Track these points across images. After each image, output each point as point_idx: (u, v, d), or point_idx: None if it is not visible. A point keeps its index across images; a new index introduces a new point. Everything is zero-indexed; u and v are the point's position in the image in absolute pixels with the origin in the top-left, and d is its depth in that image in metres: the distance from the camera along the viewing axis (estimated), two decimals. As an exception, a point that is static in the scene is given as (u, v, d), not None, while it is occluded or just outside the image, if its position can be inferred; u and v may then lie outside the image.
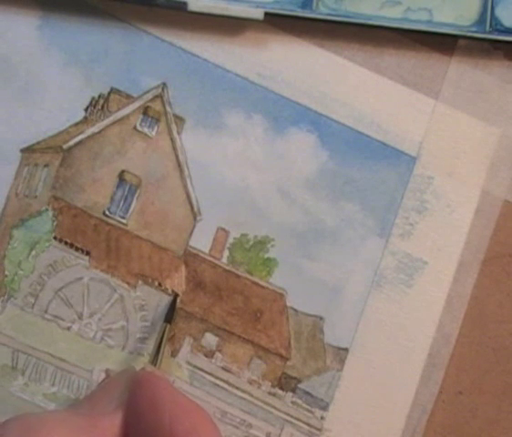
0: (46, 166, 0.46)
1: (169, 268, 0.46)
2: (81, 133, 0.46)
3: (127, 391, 0.36)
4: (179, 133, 0.47)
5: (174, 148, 0.46)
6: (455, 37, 0.46)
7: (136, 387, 0.36)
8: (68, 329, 0.46)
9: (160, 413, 0.35)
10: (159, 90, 0.46)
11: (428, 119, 0.46)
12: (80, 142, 0.46)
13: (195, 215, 0.46)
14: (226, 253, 0.46)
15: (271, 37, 0.47)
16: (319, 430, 0.46)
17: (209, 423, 0.35)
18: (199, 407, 0.36)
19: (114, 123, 0.47)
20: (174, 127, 0.47)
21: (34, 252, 0.46)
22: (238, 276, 0.47)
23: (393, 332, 0.46)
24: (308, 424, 0.46)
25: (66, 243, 0.46)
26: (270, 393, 0.46)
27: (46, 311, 0.46)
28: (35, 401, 0.46)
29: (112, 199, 0.46)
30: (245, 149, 0.47)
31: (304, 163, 0.47)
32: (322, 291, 0.46)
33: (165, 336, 0.44)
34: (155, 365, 0.43)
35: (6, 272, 0.46)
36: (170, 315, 0.45)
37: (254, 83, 0.47)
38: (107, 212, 0.46)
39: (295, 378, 0.46)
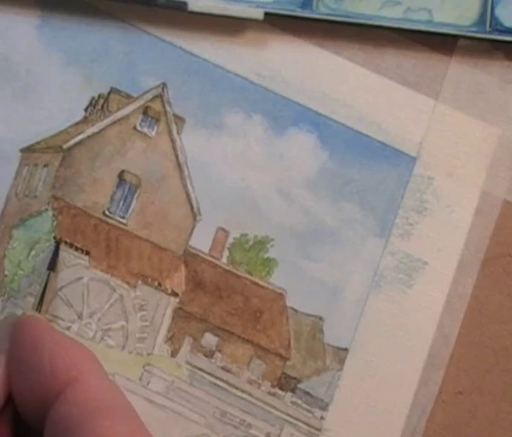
0: (45, 166, 0.46)
1: (169, 268, 0.46)
2: (81, 133, 0.46)
3: (8, 337, 0.36)
4: (178, 133, 0.47)
5: (174, 148, 0.46)
6: (455, 37, 0.46)
7: (16, 331, 0.36)
8: (68, 328, 0.46)
9: (40, 353, 0.35)
10: (159, 90, 0.46)
11: (428, 119, 0.46)
12: (80, 142, 0.46)
13: (195, 215, 0.46)
14: (226, 253, 0.46)
15: (271, 37, 0.47)
16: (318, 430, 0.45)
17: (89, 358, 0.36)
18: (80, 344, 0.36)
19: (114, 123, 0.47)
20: (174, 127, 0.47)
21: (33, 252, 0.46)
22: (238, 276, 0.47)
23: (392, 332, 0.46)
24: (307, 424, 0.46)
25: (65, 243, 0.46)
26: (269, 393, 0.46)
27: (45, 311, 0.46)
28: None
29: (112, 199, 0.46)
30: (245, 149, 0.46)
31: (304, 163, 0.47)
32: (322, 291, 0.46)
33: (48, 284, 0.44)
34: (39, 312, 0.43)
35: (6, 272, 0.46)
36: (54, 263, 0.45)
37: (254, 83, 0.47)
38: (106, 212, 0.46)
39: (295, 378, 0.46)
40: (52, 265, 0.45)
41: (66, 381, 0.34)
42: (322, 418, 0.46)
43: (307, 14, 0.45)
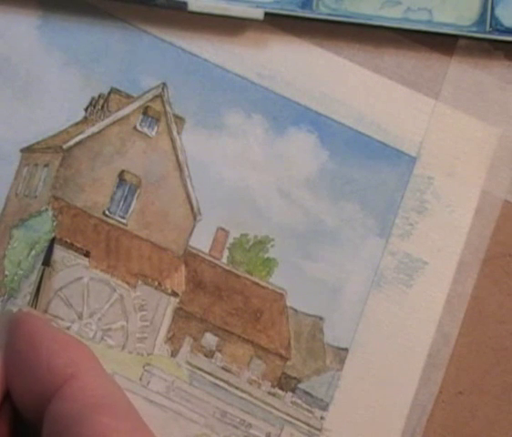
0: (45, 166, 0.46)
1: (169, 268, 0.46)
2: (81, 133, 0.46)
3: (5, 333, 0.36)
4: (179, 133, 0.47)
5: (174, 148, 0.47)
6: (455, 37, 0.46)
7: (13, 328, 0.36)
8: (68, 328, 0.46)
9: (38, 350, 0.35)
10: (159, 90, 0.46)
11: (428, 119, 0.46)
12: (80, 142, 0.46)
13: (195, 215, 0.46)
14: (226, 253, 0.46)
15: (271, 37, 0.47)
16: (319, 430, 0.46)
17: (87, 355, 0.36)
18: (77, 341, 0.36)
19: (114, 123, 0.47)
20: (174, 126, 0.47)
21: (33, 252, 0.46)
22: (238, 276, 0.47)
23: (392, 332, 0.46)
24: (308, 424, 0.46)
25: (65, 243, 0.46)
26: (269, 393, 0.46)
27: (45, 311, 0.46)
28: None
29: (112, 199, 0.46)
30: (245, 149, 0.47)
31: (304, 163, 0.47)
32: (322, 291, 0.46)
33: (43, 279, 0.44)
34: (34, 307, 0.43)
35: (6, 272, 0.46)
36: (48, 258, 0.45)
37: (254, 83, 0.47)
38: (106, 212, 0.46)
39: (295, 378, 0.46)
40: (47, 260, 0.45)
41: (63, 378, 0.34)
42: (322, 418, 0.46)
43: (307, 14, 0.45)
